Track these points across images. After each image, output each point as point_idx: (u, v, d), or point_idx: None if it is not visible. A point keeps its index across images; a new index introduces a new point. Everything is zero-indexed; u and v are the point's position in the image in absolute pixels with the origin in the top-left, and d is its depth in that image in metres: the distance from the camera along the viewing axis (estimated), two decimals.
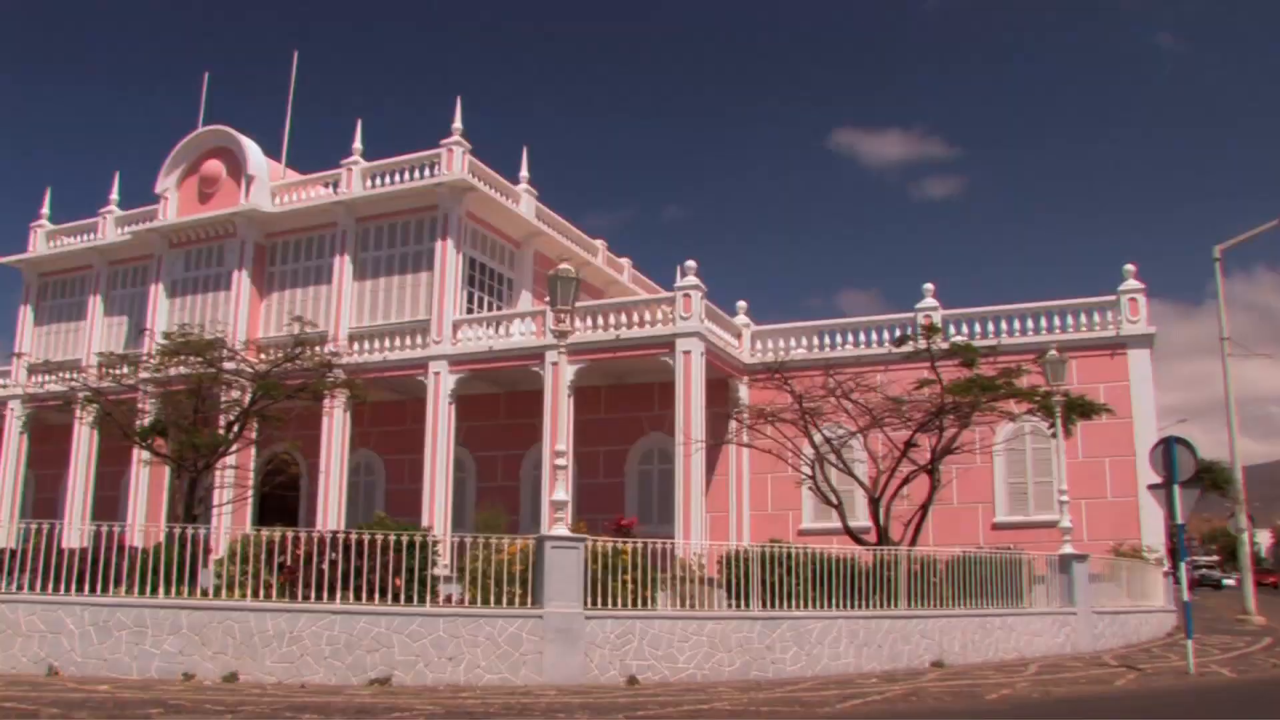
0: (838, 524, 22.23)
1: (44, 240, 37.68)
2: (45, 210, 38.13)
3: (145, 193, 35.43)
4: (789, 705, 13.03)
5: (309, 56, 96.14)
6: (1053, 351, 21.32)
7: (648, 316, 26.50)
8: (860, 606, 17.55)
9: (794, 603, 17.05)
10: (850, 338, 28.20)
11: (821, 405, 22.26)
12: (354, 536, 15.71)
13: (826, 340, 28.38)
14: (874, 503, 21.53)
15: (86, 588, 15.50)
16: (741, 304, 29.71)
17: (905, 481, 21.67)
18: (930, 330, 23.16)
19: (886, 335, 27.41)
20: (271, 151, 33.48)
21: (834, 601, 17.32)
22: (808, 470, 22.51)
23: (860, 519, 23.56)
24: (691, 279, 25.95)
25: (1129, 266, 26.46)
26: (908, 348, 23.25)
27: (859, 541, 20.75)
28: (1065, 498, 21.04)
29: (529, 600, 15.63)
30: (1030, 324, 26.74)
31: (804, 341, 28.62)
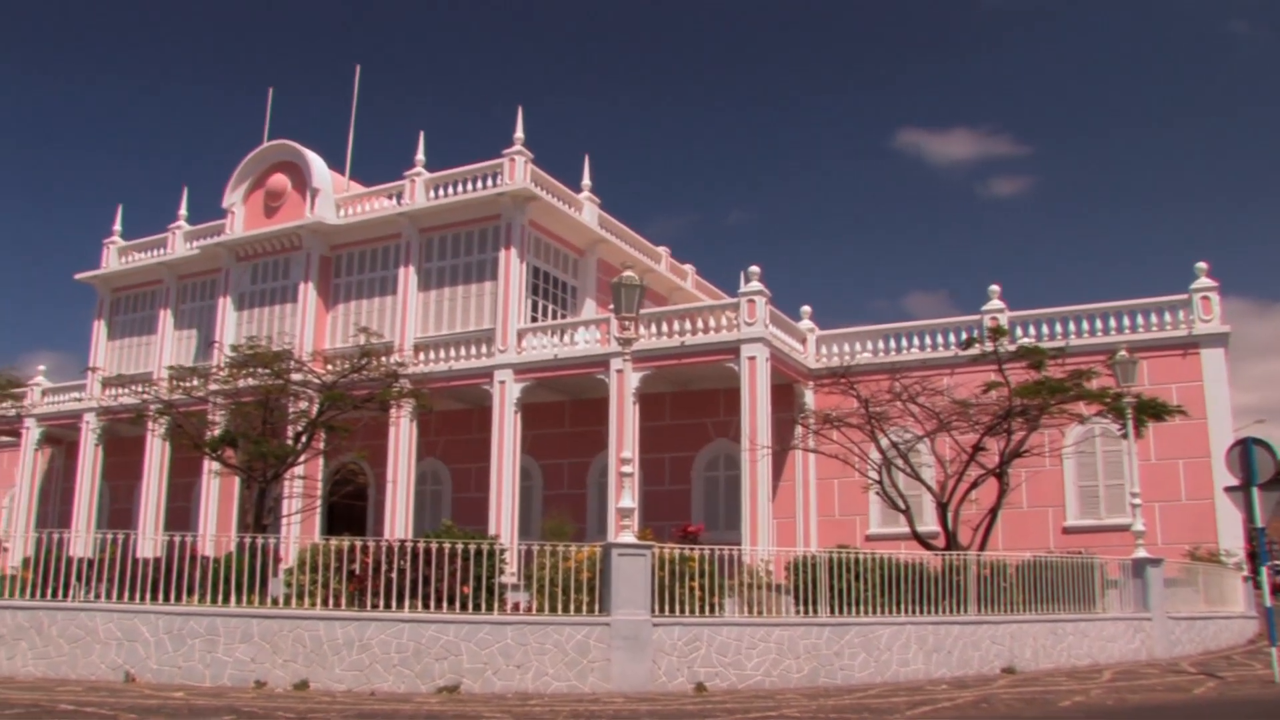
0: (905, 529, 22.06)
1: (116, 256, 38.34)
2: (117, 227, 38.82)
3: (212, 208, 36.03)
4: (858, 712, 12.93)
5: (370, 70, 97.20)
6: (1123, 352, 21.01)
7: (712, 323, 26.44)
8: (929, 612, 17.40)
9: (862, 609, 16.94)
10: (916, 341, 27.95)
11: (888, 409, 22.10)
12: (421, 545, 15.81)
13: (892, 344, 28.15)
14: (942, 507, 21.33)
15: (161, 596, 15.77)
16: (806, 308, 29.57)
17: (973, 485, 21.44)
18: (997, 332, 22.91)
19: (953, 338, 27.14)
20: (335, 164, 33.92)
21: (902, 607, 17.19)
22: (874, 475, 22.36)
23: (928, 524, 23.37)
24: (755, 284, 25.87)
25: (1201, 264, 26.01)
26: (974, 350, 23.04)
27: (927, 546, 20.58)
28: (1138, 501, 20.73)
29: (596, 608, 15.63)
30: (1099, 324, 26.34)
31: (869, 345, 28.42)
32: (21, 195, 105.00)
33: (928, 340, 27.78)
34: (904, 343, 28.01)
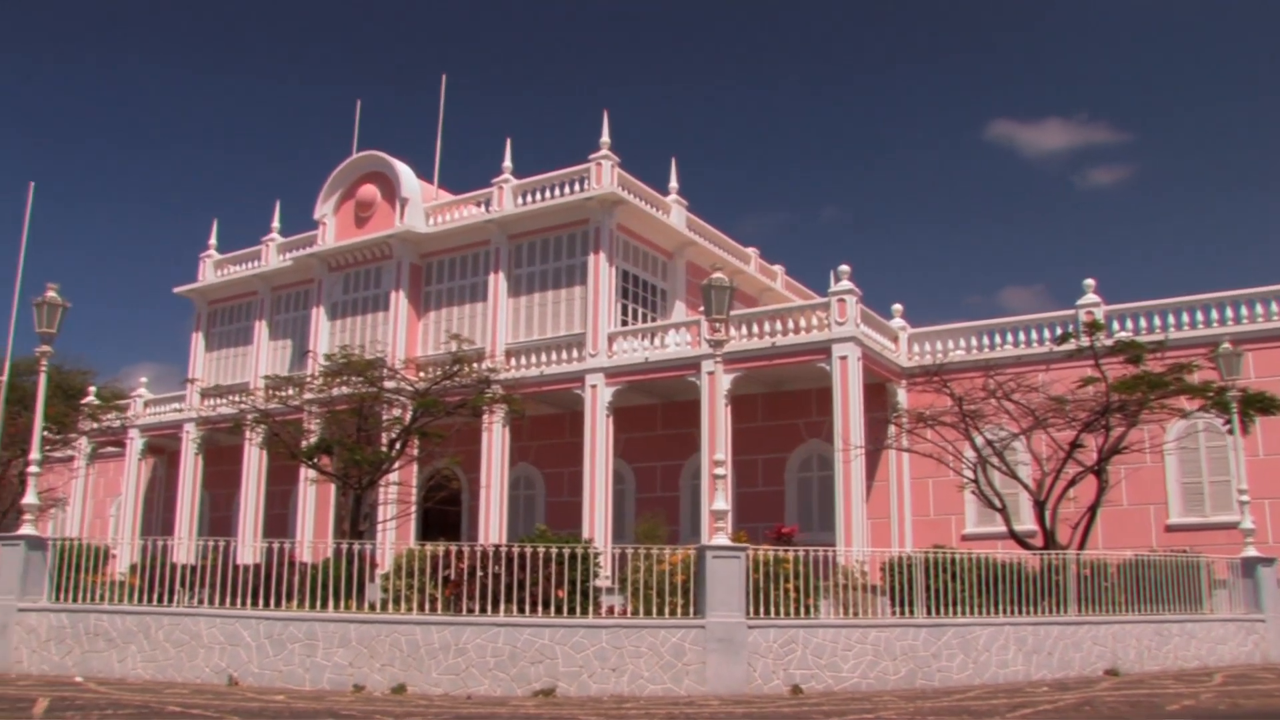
0: (1002, 528, 21.75)
1: (212, 269, 39.13)
2: (213, 241, 39.61)
3: (304, 219, 36.58)
4: (956, 715, 12.77)
5: (456, 79, 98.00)
6: (1226, 344, 20.54)
7: (803, 323, 26.30)
8: (1028, 613, 17.14)
9: (959, 609, 16.75)
10: (1010, 337, 27.51)
11: (982, 407, 21.80)
12: (516, 550, 15.92)
13: (985, 341, 27.75)
14: (1039, 506, 20.99)
15: (261, 602, 16.06)
16: (897, 307, 29.28)
17: (1071, 483, 21.07)
18: (1093, 327, 22.49)
19: (1047, 333, 26.68)
20: (423, 173, 34.28)
21: (1000, 608, 16.96)
22: (970, 474, 22.07)
23: (1025, 523, 23.02)
24: (846, 283, 25.68)
25: None
26: (1069, 346, 22.64)
27: (1025, 546, 20.28)
28: (1246, 498, 20.24)
29: (691, 610, 15.62)
30: (1201, 316, 25.68)
31: (962, 343, 28.06)
32: (123, 212, 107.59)
33: (1022, 336, 27.33)
34: (997, 339, 27.59)
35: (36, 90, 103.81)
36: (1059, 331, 25.01)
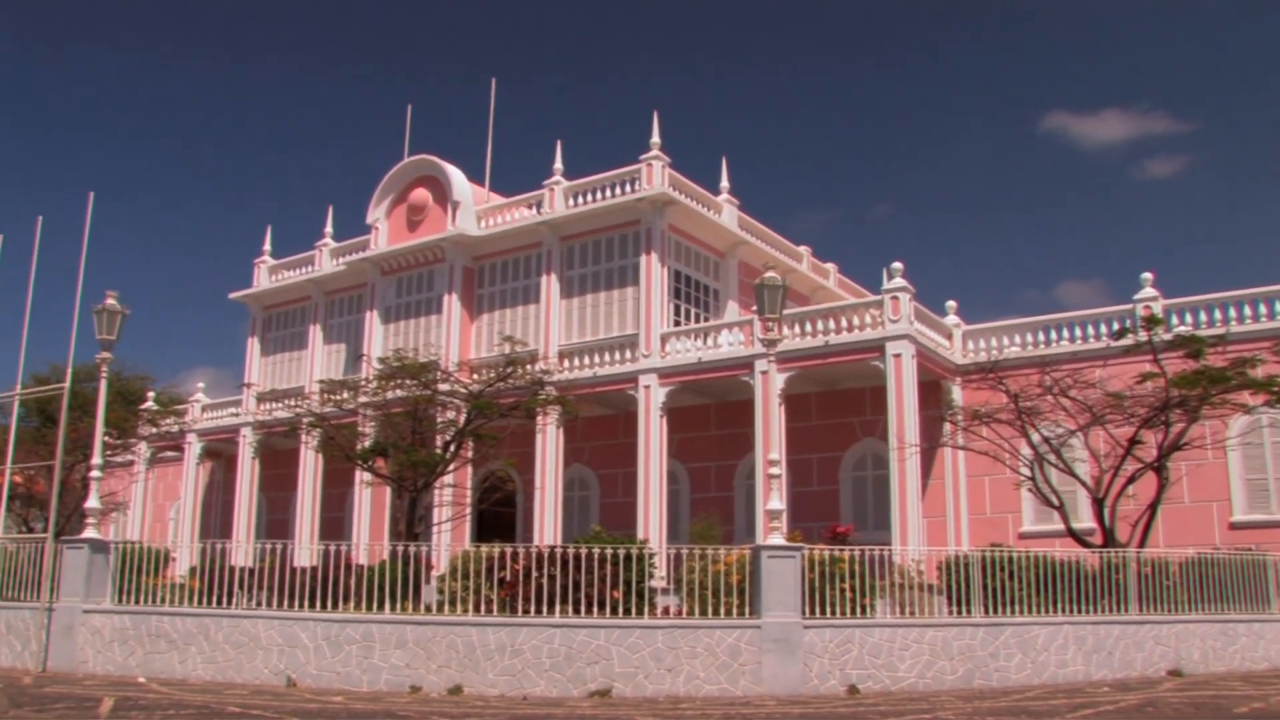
0: (1060, 526, 21.51)
1: (267, 275, 39.51)
2: (267, 247, 40.01)
3: (356, 224, 36.89)
4: (1015, 715, 12.64)
5: (506, 81, 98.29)
6: None
7: (856, 321, 26.16)
8: (1088, 612, 16.96)
9: (1017, 608, 16.60)
10: (1066, 333, 27.18)
11: (1038, 404, 21.58)
12: (571, 551, 15.95)
13: (1040, 337, 27.43)
14: (1098, 503, 20.73)
15: (318, 604, 16.20)
16: (951, 303, 29.07)
17: (1130, 480, 20.79)
18: (1151, 321, 22.18)
19: (1105, 329, 26.35)
20: (474, 176, 34.40)
21: (1059, 607, 16.80)
22: (1026, 471, 21.85)
23: (1084, 521, 22.75)
24: (899, 280, 25.52)
25: None
26: (1127, 341, 22.35)
27: (1084, 544, 20.05)
28: None
29: (746, 610, 15.59)
30: (1264, 309, 25.22)
31: (1017, 339, 27.76)
32: (179, 219, 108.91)
33: (1078, 332, 27.00)
34: (1053, 335, 27.28)
35: (92, 98, 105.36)
36: (1116, 327, 24.71)
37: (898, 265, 25.74)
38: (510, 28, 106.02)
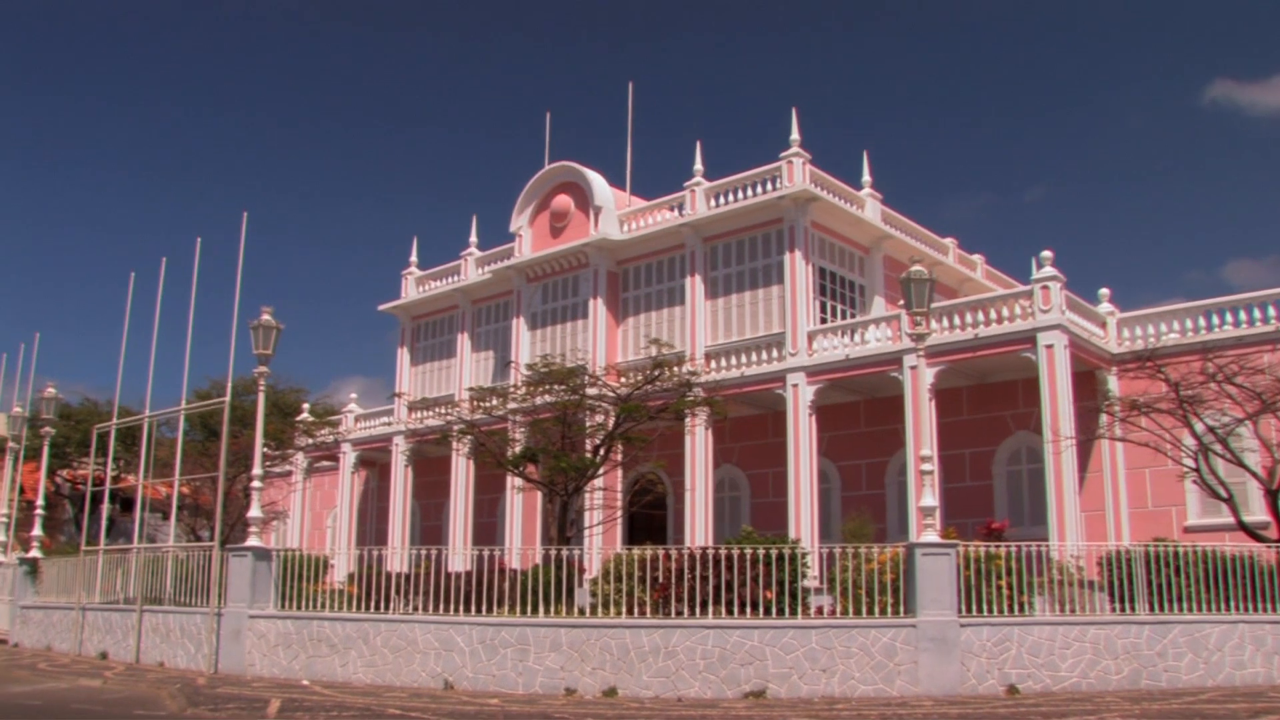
0: (1229, 519, 20.72)
1: (414, 286, 40.27)
2: (413, 258, 40.78)
3: (499, 232, 37.37)
4: (1189, 719, 12.20)
5: (644, 84, 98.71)
6: None
7: (1005, 312, 25.60)
8: (1265, 610, 16.29)
9: (1185, 606, 16.04)
10: (1229, 317, 26.12)
11: (1201, 392, 20.81)
12: (723, 551, 15.93)
13: (1202, 322, 26.42)
14: (1271, 495, 19.90)
15: (473, 608, 16.46)
16: (1104, 291, 28.22)
17: None
18: None
19: (1273, 311, 25.28)
20: (615, 180, 34.62)
21: (1232, 604, 16.17)
22: (1190, 462, 21.11)
23: (1256, 513, 21.87)
24: (1049, 269, 24.91)
25: None
26: None
27: (1257, 538, 19.28)
28: None
29: (901, 609, 15.37)
30: None
31: (1176, 325, 26.77)
32: (331, 234, 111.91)
33: (1243, 315, 25.93)
34: (1215, 320, 26.25)
35: (248, 121, 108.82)
36: None
37: (1047, 254, 25.15)
38: (645, 32, 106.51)
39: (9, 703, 14.79)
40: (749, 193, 30.48)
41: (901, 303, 17.76)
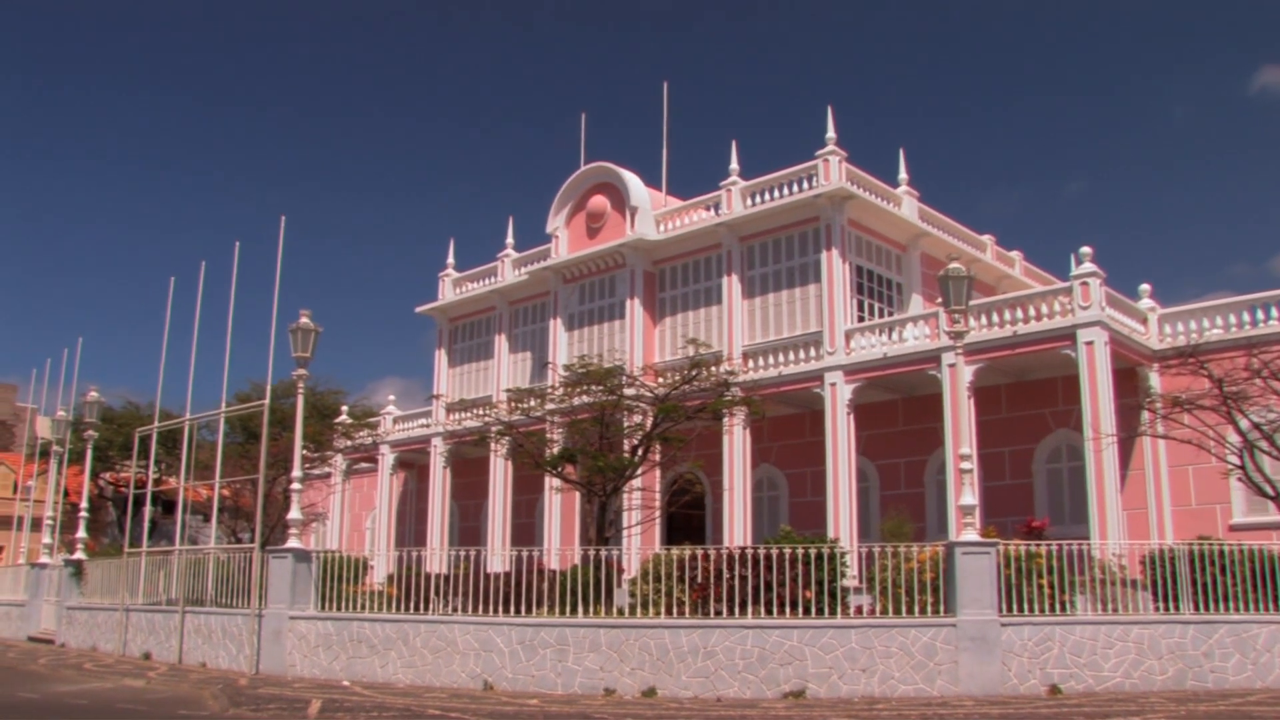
0: (1276, 517, 20.52)
1: (451, 288, 40.40)
2: (450, 260, 40.94)
3: (536, 233, 37.46)
4: None
5: (678, 84, 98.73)
6: None
7: (1044, 309, 25.41)
8: None
9: (1231, 605, 15.86)
10: (1276, 311, 25.81)
11: (1246, 388, 20.58)
12: (762, 551, 15.90)
13: (1246, 317, 26.11)
14: None
15: (512, 609, 16.48)
16: (1145, 287, 27.96)
17: None
18: None
19: None
20: (651, 181, 34.60)
21: None
22: (1235, 460, 20.88)
23: None
24: (1088, 265, 24.70)
25: None
26: None
27: None
28: None
29: (941, 609, 15.29)
30: None
31: (1219, 320, 26.46)
32: (369, 235, 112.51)
33: None
34: (1260, 314, 25.94)
35: (284, 126, 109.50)
36: None
37: (1086, 250, 24.94)
38: (679, 32, 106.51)
39: (56, 702, 14.96)
40: (785, 191, 30.40)
41: (939, 300, 17.66)
